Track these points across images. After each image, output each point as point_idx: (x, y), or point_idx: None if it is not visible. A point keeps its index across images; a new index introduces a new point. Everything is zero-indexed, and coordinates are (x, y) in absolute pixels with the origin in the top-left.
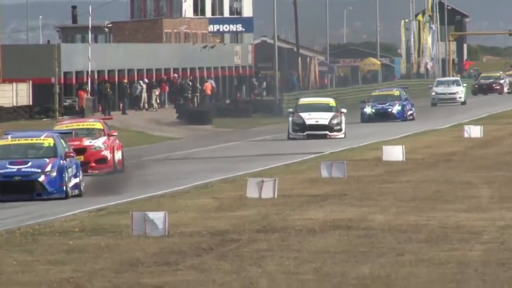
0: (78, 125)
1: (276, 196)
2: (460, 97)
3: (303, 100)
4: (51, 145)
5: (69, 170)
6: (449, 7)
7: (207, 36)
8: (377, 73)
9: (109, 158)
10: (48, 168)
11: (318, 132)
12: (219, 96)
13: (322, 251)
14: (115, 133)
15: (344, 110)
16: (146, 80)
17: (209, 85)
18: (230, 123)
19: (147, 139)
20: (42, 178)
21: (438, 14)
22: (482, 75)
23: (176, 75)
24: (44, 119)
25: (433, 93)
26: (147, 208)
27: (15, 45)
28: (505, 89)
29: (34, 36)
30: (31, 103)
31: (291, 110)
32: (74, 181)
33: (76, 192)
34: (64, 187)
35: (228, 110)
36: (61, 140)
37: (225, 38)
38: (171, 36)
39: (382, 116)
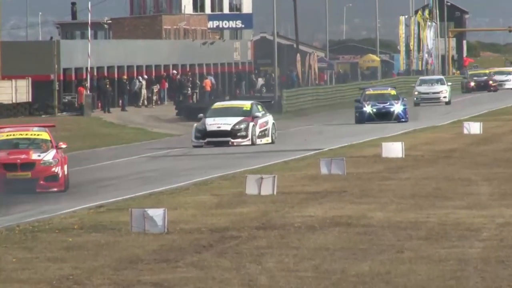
0: (21, 135)
1: (275, 193)
2: (445, 97)
3: (218, 104)
4: None
5: None
6: (449, 3)
7: (206, 32)
8: (377, 69)
9: (60, 175)
10: None
11: (219, 139)
12: (218, 93)
13: (321, 248)
14: (64, 145)
15: (258, 114)
16: (145, 76)
17: (208, 82)
18: None
19: (147, 136)
20: None
21: (437, 11)
22: (470, 72)
23: (175, 71)
24: (43, 116)
25: (416, 93)
26: (147, 205)
27: (15, 41)
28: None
29: (34, 32)
30: (30, 100)
31: (201, 115)
32: None
33: None
34: None
35: None
36: None
37: (224, 35)
38: (171, 33)
39: (384, 116)
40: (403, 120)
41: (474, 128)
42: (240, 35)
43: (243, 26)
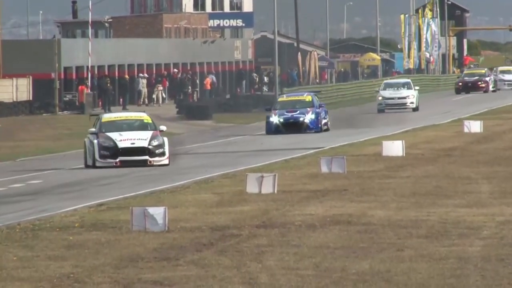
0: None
1: (276, 191)
2: (412, 102)
3: (108, 116)
4: None
5: None
6: (449, 2)
7: (207, 31)
8: (377, 68)
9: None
10: None
11: (136, 157)
12: (219, 91)
13: (322, 246)
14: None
15: (163, 128)
16: (145, 75)
17: (209, 80)
18: (230, 118)
19: None
20: None
21: (438, 9)
22: (465, 72)
23: (176, 70)
24: (44, 114)
25: (380, 98)
26: (147, 203)
27: (16, 40)
28: (490, 87)
29: (35, 31)
30: (31, 98)
31: (93, 130)
32: None
33: None
34: None
35: (228, 105)
36: None
37: (225, 33)
38: (171, 31)
39: (292, 126)
40: (315, 130)
41: (475, 126)
42: (241, 34)
43: (243, 24)
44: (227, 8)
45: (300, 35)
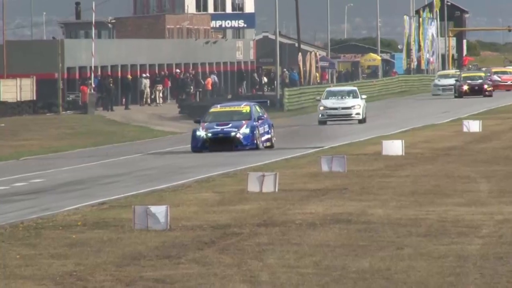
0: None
1: (276, 190)
2: (358, 113)
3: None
4: None
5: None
6: (449, 3)
7: (209, 31)
8: (378, 68)
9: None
10: None
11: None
12: (221, 91)
13: (322, 244)
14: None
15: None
16: (147, 75)
17: (210, 80)
18: None
19: (149, 134)
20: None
21: (438, 10)
22: (463, 75)
23: (178, 70)
24: (47, 114)
25: (321, 108)
26: (149, 202)
27: (19, 40)
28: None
29: (38, 32)
30: (34, 98)
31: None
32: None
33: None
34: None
35: None
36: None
37: (227, 34)
38: (174, 32)
39: (222, 142)
40: (249, 147)
41: (474, 126)
42: (243, 35)
43: (245, 25)
44: (229, 9)
45: (301, 36)
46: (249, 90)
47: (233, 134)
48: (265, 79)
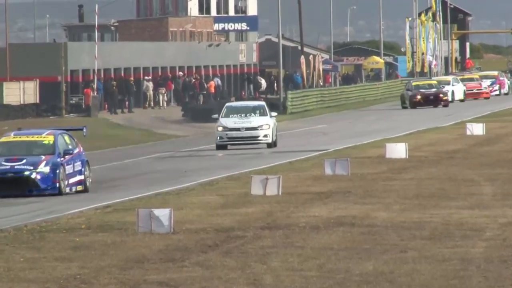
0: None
1: (280, 193)
2: (266, 135)
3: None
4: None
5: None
6: (452, 6)
7: (212, 34)
8: (381, 71)
9: None
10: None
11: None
12: (224, 94)
13: (325, 247)
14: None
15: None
16: (149, 77)
17: (213, 84)
18: None
19: (152, 137)
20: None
21: (441, 13)
22: (414, 83)
23: (181, 73)
24: (51, 117)
25: (220, 128)
26: (153, 205)
27: (22, 43)
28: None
29: (41, 34)
30: (38, 101)
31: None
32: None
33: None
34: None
35: None
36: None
37: (230, 37)
38: (177, 35)
39: (11, 184)
40: (50, 192)
41: (477, 129)
42: (246, 37)
43: (248, 28)
44: (232, 12)
45: (304, 39)
46: (253, 93)
47: (26, 173)
48: (263, 83)
